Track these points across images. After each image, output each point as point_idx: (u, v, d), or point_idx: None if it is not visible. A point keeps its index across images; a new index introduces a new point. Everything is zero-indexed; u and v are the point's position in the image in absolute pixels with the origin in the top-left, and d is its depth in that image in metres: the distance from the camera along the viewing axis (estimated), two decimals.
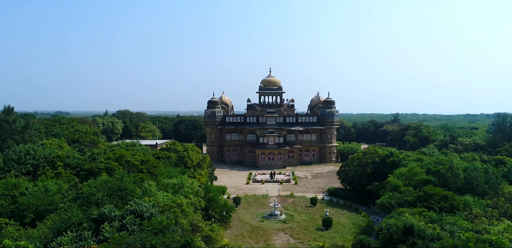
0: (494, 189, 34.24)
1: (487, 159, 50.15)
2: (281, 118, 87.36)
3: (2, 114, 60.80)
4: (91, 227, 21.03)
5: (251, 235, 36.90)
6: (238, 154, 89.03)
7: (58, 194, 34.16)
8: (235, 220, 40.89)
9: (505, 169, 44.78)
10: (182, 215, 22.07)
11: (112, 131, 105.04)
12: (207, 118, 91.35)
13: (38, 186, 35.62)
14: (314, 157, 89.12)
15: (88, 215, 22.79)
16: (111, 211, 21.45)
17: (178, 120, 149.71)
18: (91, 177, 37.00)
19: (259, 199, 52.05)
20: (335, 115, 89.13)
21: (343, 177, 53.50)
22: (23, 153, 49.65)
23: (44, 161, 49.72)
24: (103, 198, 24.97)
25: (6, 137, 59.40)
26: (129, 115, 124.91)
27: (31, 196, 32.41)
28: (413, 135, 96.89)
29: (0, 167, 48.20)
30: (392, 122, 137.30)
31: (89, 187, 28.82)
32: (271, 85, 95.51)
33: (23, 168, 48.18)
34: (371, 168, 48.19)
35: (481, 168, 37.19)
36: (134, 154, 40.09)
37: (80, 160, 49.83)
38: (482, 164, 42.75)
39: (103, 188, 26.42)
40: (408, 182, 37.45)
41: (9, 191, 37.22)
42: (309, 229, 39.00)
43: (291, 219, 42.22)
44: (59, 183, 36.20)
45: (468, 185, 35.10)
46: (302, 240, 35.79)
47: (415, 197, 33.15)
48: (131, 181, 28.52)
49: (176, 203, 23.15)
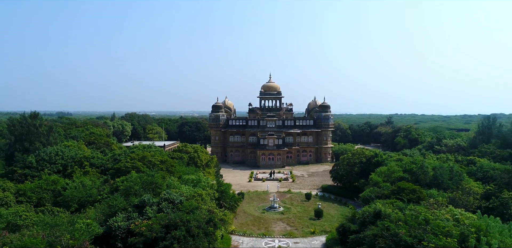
0: (456, 184, 41.06)
1: (461, 159, 57.08)
2: (280, 121, 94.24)
3: (29, 119, 67.57)
4: (134, 211, 27.83)
5: (254, 223, 43.75)
6: (240, 154, 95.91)
7: (93, 188, 41.05)
8: (240, 212, 47.75)
9: (474, 168, 51.73)
10: (202, 202, 28.85)
11: (122, 133, 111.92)
12: (211, 121, 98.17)
13: (76, 182, 42.53)
14: (311, 158, 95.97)
15: (129, 202, 29.62)
16: (149, 199, 28.26)
17: (182, 122, 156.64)
18: (120, 174, 44.01)
19: (260, 194, 58.93)
20: (330, 119, 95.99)
21: (334, 176, 60.41)
22: (53, 154, 56.56)
23: (72, 161, 56.69)
24: (139, 190, 31.78)
25: (34, 139, 66.14)
26: (136, 118, 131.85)
27: (73, 190, 39.27)
28: (404, 137, 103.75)
29: (34, 166, 55.12)
30: (386, 124, 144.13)
31: (124, 181, 35.72)
32: (271, 90, 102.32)
33: (54, 167, 55.13)
34: (358, 167, 55.08)
35: (447, 167, 44.02)
36: (154, 155, 46.96)
37: (103, 160, 56.89)
38: (454, 164, 49.60)
39: (138, 182, 33.23)
40: (387, 179, 44.29)
41: (50, 186, 44.29)
42: (303, 218, 45.88)
43: (288, 211, 49.08)
44: (93, 180, 43.13)
45: (435, 181, 41.99)
46: (297, 227, 42.65)
47: (390, 191, 39.96)
48: (159, 177, 35.31)
49: (197, 193, 29.93)
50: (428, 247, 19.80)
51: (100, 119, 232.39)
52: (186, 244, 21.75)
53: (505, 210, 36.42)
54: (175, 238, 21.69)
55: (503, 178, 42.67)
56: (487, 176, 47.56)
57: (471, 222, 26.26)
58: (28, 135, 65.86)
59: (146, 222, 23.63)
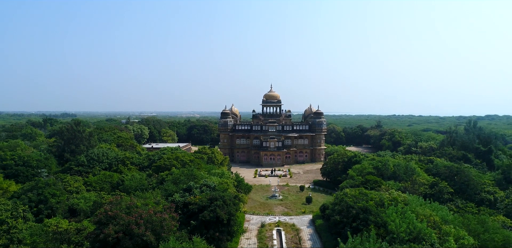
0: (409, 177, 55.79)
1: (423, 159, 71.89)
2: (280, 126, 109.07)
3: (75, 126, 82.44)
4: (184, 192, 42.52)
5: (260, 207, 58.54)
6: (246, 155, 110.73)
7: (142, 180, 55.81)
8: (249, 199, 62.48)
9: (431, 165, 66.50)
10: (228, 187, 43.48)
11: (141, 136, 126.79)
12: (220, 126, 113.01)
13: (128, 175, 57.34)
14: (306, 158, 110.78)
15: (179, 188, 44.37)
16: (193, 184, 43.00)
17: (190, 125, 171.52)
18: (161, 170, 58.86)
19: (264, 187, 73.73)
20: (323, 124, 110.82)
21: (323, 172, 75.24)
22: (100, 155, 71.46)
23: (115, 160, 71.55)
24: (184, 180, 46.54)
25: (79, 143, 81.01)
26: (152, 122, 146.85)
27: (130, 181, 54.02)
28: (388, 140, 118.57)
29: (85, 165, 69.96)
30: (375, 127, 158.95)
31: (169, 175, 50.57)
32: (272, 99, 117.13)
33: (102, 165, 70.01)
34: (341, 165, 69.89)
35: (403, 164, 58.77)
36: (184, 156, 61.80)
37: (140, 160, 71.90)
38: (413, 163, 64.30)
39: (182, 175, 48.00)
40: (360, 173, 59.05)
41: (107, 179, 59.13)
42: (297, 204, 60.72)
43: (285, 199, 63.89)
44: (142, 174, 57.95)
45: (394, 175, 56.81)
46: (292, 209, 57.46)
47: (360, 182, 54.75)
48: (195, 171, 50.07)
49: (224, 182, 44.55)
50: (356, 205, 34.70)
51: (109, 121, 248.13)
52: (222, 209, 36.41)
53: (441, 195, 51.35)
54: (216, 205, 36.31)
55: (445, 172, 57.49)
56: (439, 172, 62.34)
57: (403, 198, 41.12)
58: (74, 139, 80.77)
59: (198, 197, 38.31)
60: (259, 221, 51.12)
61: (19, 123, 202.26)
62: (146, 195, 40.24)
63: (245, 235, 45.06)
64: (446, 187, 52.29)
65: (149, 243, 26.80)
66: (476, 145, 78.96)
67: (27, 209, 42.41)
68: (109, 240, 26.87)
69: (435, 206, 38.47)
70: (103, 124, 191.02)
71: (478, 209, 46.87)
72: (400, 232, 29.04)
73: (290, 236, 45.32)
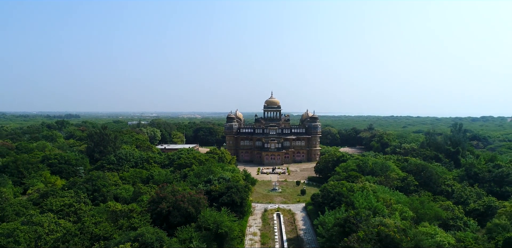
0: (384, 173, 68.78)
1: (400, 158, 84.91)
2: (280, 129, 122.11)
3: (103, 130, 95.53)
4: (205, 184, 55.52)
5: (263, 197, 71.56)
6: (249, 155, 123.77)
7: (168, 175, 68.78)
8: (254, 192, 75.45)
9: (406, 164, 79.45)
10: (239, 179, 56.48)
11: (154, 138, 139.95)
12: (226, 129, 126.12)
13: (156, 172, 70.37)
14: (303, 157, 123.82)
15: (201, 180, 57.38)
16: (212, 177, 56.02)
17: (196, 128, 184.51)
18: (182, 167, 71.92)
19: (266, 182, 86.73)
20: (318, 127, 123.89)
21: (316, 170, 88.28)
22: (128, 154, 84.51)
23: (140, 159, 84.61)
24: (204, 174, 59.57)
25: (106, 144, 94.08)
26: (163, 125, 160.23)
27: (158, 176, 66.99)
28: (377, 141, 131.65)
29: (115, 163, 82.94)
30: (368, 129, 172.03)
31: (190, 171, 63.63)
32: (272, 105, 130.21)
33: (129, 164, 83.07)
34: (331, 163, 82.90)
35: (380, 162, 71.74)
36: (200, 155, 74.85)
37: (161, 159, 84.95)
38: (389, 161, 77.29)
39: (202, 170, 61.04)
40: (344, 170, 72.07)
41: (138, 174, 72.19)
42: (293, 195, 73.75)
43: (284, 191, 76.90)
44: (166, 170, 70.96)
45: (372, 171, 69.84)
46: (289, 199, 70.52)
47: (344, 176, 67.77)
48: (213, 167, 63.10)
49: (236, 175, 57.51)
50: (334, 191, 47.82)
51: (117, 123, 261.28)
52: (236, 194, 49.42)
53: (408, 187, 64.37)
54: (232, 192, 49.27)
55: (414, 169, 70.52)
56: (411, 169, 75.32)
57: (373, 188, 54.17)
58: (103, 141, 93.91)
59: (217, 186, 51.33)
60: (262, 208, 64.13)
61: (35, 125, 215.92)
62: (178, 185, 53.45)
63: (251, 217, 58.16)
64: (413, 181, 65.43)
65: (191, 213, 39.73)
66: (447, 146, 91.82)
67: (86, 196, 55.42)
68: (163, 212, 39.88)
69: (395, 193, 51.67)
70: (111, 126, 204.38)
71: (434, 197, 59.82)
72: (362, 208, 42.00)
73: (286, 218, 58.42)
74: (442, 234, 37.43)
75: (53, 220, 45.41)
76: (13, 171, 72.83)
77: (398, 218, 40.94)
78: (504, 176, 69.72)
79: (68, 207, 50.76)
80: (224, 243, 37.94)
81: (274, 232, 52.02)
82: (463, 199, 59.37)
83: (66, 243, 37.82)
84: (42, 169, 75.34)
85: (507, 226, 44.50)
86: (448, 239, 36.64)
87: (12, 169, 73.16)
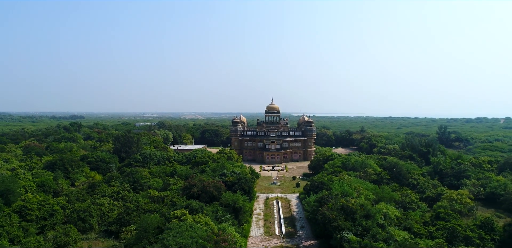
0: (363, 169, 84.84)
1: (380, 157, 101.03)
2: (279, 132, 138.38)
3: (127, 133, 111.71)
4: (221, 176, 71.65)
5: (265, 189, 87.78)
6: (252, 155, 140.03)
7: (188, 170, 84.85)
8: (257, 185, 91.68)
9: (384, 162, 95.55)
10: (247, 173, 72.72)
11: (167, 139, 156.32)
12: (232, 132, 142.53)
13: (178, 168, 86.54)
14: (300, 157, 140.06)
15: (216, 174, 73.54)
16: (226, 171, 72.15)
17: (203, 130, 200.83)
18: (199, 164, 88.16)
19: (267, 177, 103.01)
20: (313, 130, 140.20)
21: (309, 167, 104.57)
22: (151, 154, 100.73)
23: (162, 158, 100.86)
24: (219, 169, 75.75)
25: (131, 145, 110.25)
26: (174, 127, 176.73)
27: (181, 170, 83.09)
28: (366, 143, 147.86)
29: (140, 161, 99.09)
30: (360, 131, 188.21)
31: (207, 167, 79.96)
32: (272, 110, 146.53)
33: (153, 162, 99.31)
34: (322, 162, 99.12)
35: (360, 160, 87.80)
36: (212, 155, 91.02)
37: (180, 158, 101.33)
38: (369, 160, 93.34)
39: (217, 166, 77.19)
40: (331, 167, 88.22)
41: (162, 170, 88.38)
42: (289, 187, 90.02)
43: (282, 184, 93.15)
44: (186, 167, 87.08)
45: (354, 167, 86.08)
46: (286, 190, 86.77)
47: (330, 172, 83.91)
48: (225, 164, 79.19)
49: (244, 170, 73.70)
50: (318, 181, 64.01)
51: (125, 124, 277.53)
52: (246, 184, 65.52)
53: (382, 180, 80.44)
54: (242, 182, 65.34)
55: (388, 166, 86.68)
56: (387, 166, 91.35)
57: (349, 179, 70.35)
58: (128, 143, 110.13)
59: (230, 178, 67.47)
60: (264, 197, 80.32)
61: (51, 127, 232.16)
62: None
63: (256, 203, 74.40)
64: (385, 175, 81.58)
65: (214, 195, 55.94)
66: (420, 147, 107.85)
67: (129, 186, 71.59)
68: (194, 194, 56.17)
69: (365, 183, 68.09)
70: (120, 128, 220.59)
71: (400, 187, 75.83)
72: (337, 192, 58.18)
73: (283, 203, 74.67)
74: (391, 210, 53.63)
75: (111, 202, 61.94)
76: (61, 168, 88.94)
77: (363, 199, 57.04)
78: (462, 172, 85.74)
79: (117, 194, 67.07)
80: (239, 215, 54.14)
81: (274, 213, 68.28)
82: (423, 189, 75.54)
83: (128, 216, 54.00)
84: (83, 166, 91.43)
85: (446, 206, 60.81)
86: (395, 213, 52.89)
87: (60, 166, 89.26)
